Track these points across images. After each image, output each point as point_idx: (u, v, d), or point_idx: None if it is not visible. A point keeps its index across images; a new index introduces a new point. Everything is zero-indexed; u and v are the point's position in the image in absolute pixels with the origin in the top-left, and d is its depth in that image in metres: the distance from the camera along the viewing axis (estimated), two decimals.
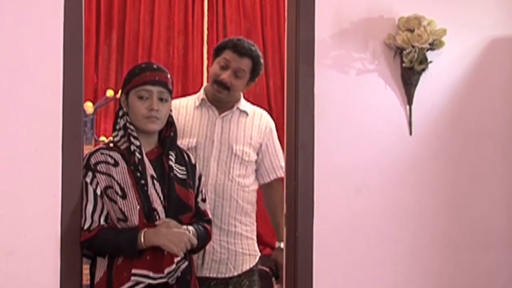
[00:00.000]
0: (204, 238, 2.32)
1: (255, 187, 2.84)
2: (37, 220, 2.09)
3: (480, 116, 2.51)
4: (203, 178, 2.41)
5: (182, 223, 2.21)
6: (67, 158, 2.11)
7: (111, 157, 2.20)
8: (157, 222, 2.15)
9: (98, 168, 2.17)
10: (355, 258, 2.39)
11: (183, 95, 3.20)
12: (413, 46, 2.32)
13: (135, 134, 2.22)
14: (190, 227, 2.23)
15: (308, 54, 2.32)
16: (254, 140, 2.77)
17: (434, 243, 2.46)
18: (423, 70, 2.37)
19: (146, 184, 2.17)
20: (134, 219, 2.14)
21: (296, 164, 2.32)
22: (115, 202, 2.15)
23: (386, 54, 2.40)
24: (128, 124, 2.23)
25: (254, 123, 2.80)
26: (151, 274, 2.11)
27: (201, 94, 2.82)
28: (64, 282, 2.10)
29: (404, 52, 2.34)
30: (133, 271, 2.12)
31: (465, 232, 2.49)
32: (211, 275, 2.69)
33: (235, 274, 2.72)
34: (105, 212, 2.17)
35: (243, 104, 2.82)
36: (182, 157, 2.34)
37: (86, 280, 2.23)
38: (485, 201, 2.51)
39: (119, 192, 2.15)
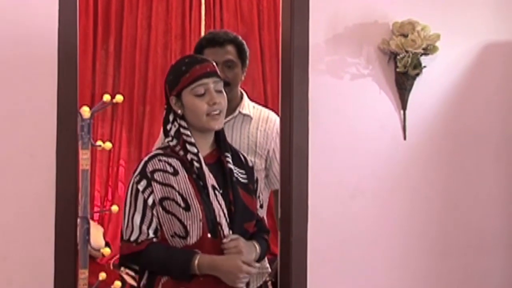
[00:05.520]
0: (264, 255, 2.23)
1: (265, 195, 2.61)
2: (31, 225, 2.09)
3: (474, 120, 2.51)
4: (259, 182, 2.29)
5: (247, 232, 2.11)
6: (61, 164, 2.11)
7: (170, 164, 2.03)
8: (224, 240, 2.00)
9: (155, 176, 2.00)
10: (349, 262, 2.38)
11: None
12: (407, 51, 2.32)
13: (191, 140, 2.04)
14: (257, 246, 2.12)
15: (303, 59, 2.32)
16: (260, 148, 2.57)
17: (428, 247, 2.46)
18: (417, 75, 2.37)
19: (208, 194, 2.01)
20: (197, 233, 1.97)
21: (291, 169, 2.31)
22: (174, 215, 1.97)
23: (380, 59, 2.41)
24: (182, 130, 2.05)
25: (259, 128, 2.60)
26: None
27: None
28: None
29: (398, 57, 2.34)
30: None
31: (459, 236, 2.49)
32: None
33: None
34: (153, 225, 1.99)
35: (246, 107, 2.61)
36: (239, 159, 2.20)
37: (83, 284, 2.23)
38: (479, 206, 2.51)
39: (182, 204, 1.97)
